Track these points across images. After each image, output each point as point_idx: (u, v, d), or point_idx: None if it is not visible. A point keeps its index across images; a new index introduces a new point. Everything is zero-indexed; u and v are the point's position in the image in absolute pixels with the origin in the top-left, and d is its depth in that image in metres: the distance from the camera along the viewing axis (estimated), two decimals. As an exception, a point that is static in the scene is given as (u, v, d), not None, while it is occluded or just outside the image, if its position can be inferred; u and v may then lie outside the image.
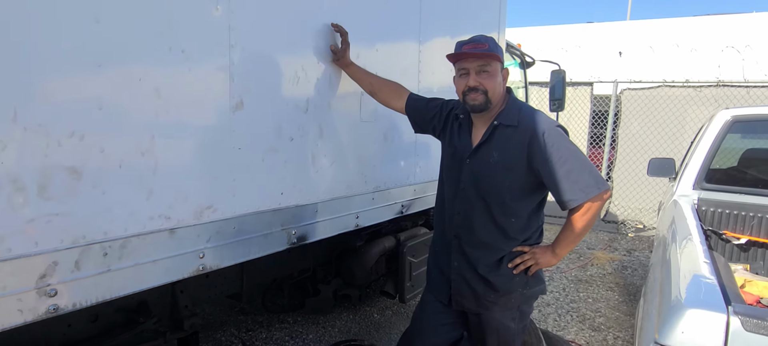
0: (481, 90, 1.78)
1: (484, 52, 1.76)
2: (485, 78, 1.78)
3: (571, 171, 1.71)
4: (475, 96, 1.80)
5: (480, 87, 1.78)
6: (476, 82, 1.78)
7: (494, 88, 1.80)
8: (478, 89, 1.79)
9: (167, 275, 1.53)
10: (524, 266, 1.84)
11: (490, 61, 1.78)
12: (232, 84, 1.71)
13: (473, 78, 1.79)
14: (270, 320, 3.62)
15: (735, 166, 3.39)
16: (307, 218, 2.07)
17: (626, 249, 6.23)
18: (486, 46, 1.77)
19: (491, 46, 1.78)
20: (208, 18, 1.62)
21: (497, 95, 1.82)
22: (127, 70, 1.40)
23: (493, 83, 1.79)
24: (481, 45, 1.78)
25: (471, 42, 1.81)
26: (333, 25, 2.11)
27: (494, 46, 1.80)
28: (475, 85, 1.79)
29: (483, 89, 1.78)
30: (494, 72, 1.80)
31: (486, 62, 1.78)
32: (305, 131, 2.04)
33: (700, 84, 7.04)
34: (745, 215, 2.91)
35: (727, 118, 3.15)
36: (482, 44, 1.78)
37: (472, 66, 1.80)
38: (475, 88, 1.79)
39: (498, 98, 1.83)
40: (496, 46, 1.80)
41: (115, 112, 1.37)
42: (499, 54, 1.79)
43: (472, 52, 1.78)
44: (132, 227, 1.42)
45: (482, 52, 1.76)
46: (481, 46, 1.77)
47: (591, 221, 1.75)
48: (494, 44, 1.80)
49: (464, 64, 1.82)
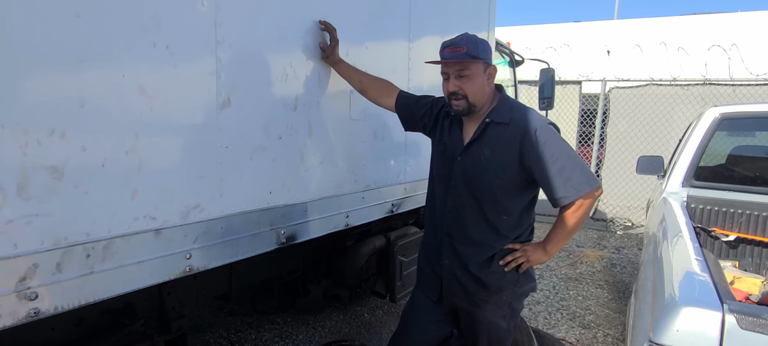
0: (461, 94, 1.77)
1: (460, 58, 1.73)
2: (464, 82, 1.76)
3: (563, 168, 1.70)
4: (457, 102, 1.80)
5: (460, 92, 1.77)
6: (456, 87, 1.77)
7: (475, 92, 1.78)
8: (458, 94, 1.77)
9: (153, 277, 1.49)
10: (515, 263, 1.83)
11: (467, 65, 1.75)
12: (219, 81, 1.67)
13: (452, 83, 1.78)
14: (259, 321, 3.58)
15: (723, 163, 3.42)
16: (296, 218, 2.04)
17: (615, 247, 6.27)
18: (464, 49, 1.73)
19: (470, 49, 1.73)
20: (194, 14, 1.59)
21: (481, 97, 1.80)
22: (109, 67, 1.36)
23: (474, 86, 1.77)
24: (458, 49, 1.74)
25: (450, 45, 1.77)
26: (321, 22, 2.08)
27: (474, 47, 1.75)
28: (455, 90, 1.77)
29: (463, 93, 1.77)
30: (474, 74, 1.76)
31: (463, 65, 1.75)
32: (294, 130, 2.01)
33: (687, 82, 7.11)
34: (734, 212, 2.93)
35: (716, 116, 3.17)
36: (460, 48, 1.74)
37: (451, 70, 1.78)
38: (456, 93, 1.78)
39: (483, 99, 1.81)
40: (476, 47, 1.75)
41: (98, 110, 1.34)
42: (480, 54, 1.75)
43: (448, 58, 1.75)
44: (116, 227, 1.38)
45: (458, 59, 1.73)
46: (458, 50, 1.74)
47: (582, 218, 1.75)
48: (474, 45, 1.75)
49: (445, 69, 1.81)
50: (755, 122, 3.43)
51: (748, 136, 3.70)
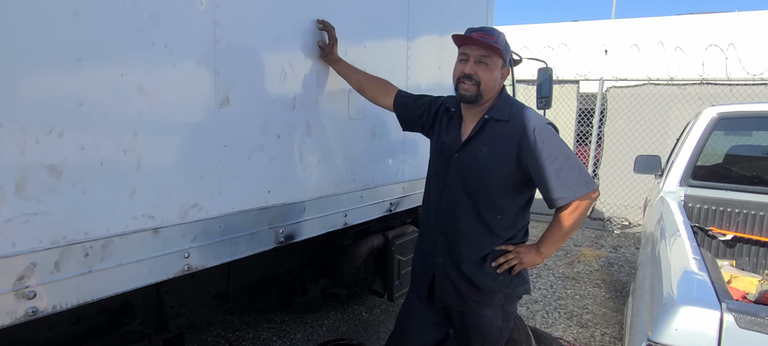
0: (475, 80, 1.76)
1: (489, 43, 1.74)
2: (482, 69, 1.76)
3: (561, 169, 1.69)
4: (468, 86, 1.77)
5: (474, 76, 1.76)
6: (472, 70, 1.76)
7: (488, 82, 1.77)
8: (472, 78, 1.76)
9: (151, 276, 1.49)
10: (508, 265, 1.82)
11: (491, 53, 1.76)
12: (217, 80, 1.67)
13: (470, 65, 1.77)
14: (257, 319, 3.57)
15: (720, 163, 3.43)
16: (294, 217, 2.04)
17: (612, 246, 6.28)
18: (494, 39, 1.75)
19: (499, 42, 1.76)
20: (193, 12, 1.58)
21: (490, 90, 1.80)
22: (108, 66, 1.36)
23: (489, 76, 1.77)
24: (489, 36, 1.75)
25: (481, 30, 1.78)
26: (319, 21, 2.08)
27: (503, 43, 1.78)
28: (471, 73, 1.76)
29: (477, 80, 1.76)
30: (493, 66, 1.77)
31: (487, 53, 1.75)
32: (292, 129, 2.01)
33: (684, 82, 7.12)
34: (731, 211, 2.94)
35: (713, 116, 3.18)
36: (491, 36, 1.75)
37: (473, 53, 1.77)
38: (470, 76, 1.76)
39: (490, 93, 1.81)
40: (504, 45, 1.79)
41: (96, 109, 1.33)
42: (504, 52, 1.78)
43: (477, 39, 1.75)
44: (114, 226, 1.38)
45: (487, 43, 1.74)
46: (489, 38, 1.74)
47: (578, 220, 1.74)
48: (504, 42, 1.79)
49: (466, 50, 1.79)
50: (752, 122, 3.45)
51: (746, 136, 3.71)
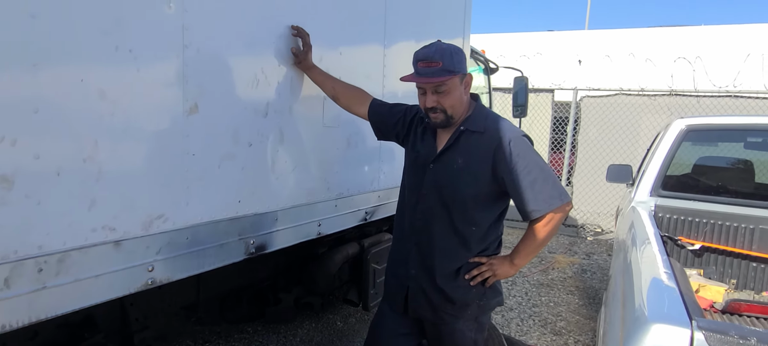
0: (440, 109, 1.74)
1: (436, 75, 1.67)
2: (443, 97, 1.72)
3: (536, 181, 1.69)
4: (436, 116, 1.77)
5: (438, 106, 1.74)
6: (433, 102, 1.73)
7: (453, 105, 1.75)
8: (436, 109, 1.74)
9: (112, 291, 1.42)
10: (481, 277, 1.81)
11: (444, 80, 1.69)
12: (185, 86, 1.62)
13: (430, 98, 1.74)
14: (228, 330, 3.49)
15: (689, 173, 3.50)
16: (266, 227, 1.99)
17: (585, 252, 6.37)
18: (439, 64, 1.67)
19: (446, 63, 1.67)
20: (160, 17, 1.53)
21: (459, 108, 1.77)
22: (67, 71, 1.29)
23: (452, 100, 1.73)
24: (434, 64, 1.67)
25: (424, 59, 1.70)
26: (293, 27, 2.04)
27: (449, 60, 1.68)
28: (433, 105, 1.74)
29: (441, 108, 1.74)
30: (451, 88, 1.72)
31: (440, 82, 1.69)
32: (265, 137, 1.96)
33: (654, 93, 7.30)
34: (699, 221, 3.00)
35: (682, 128, 3.25)
36: (435, 63, 1.67)
37: (427, 86, 1.73)
38: (433, 108, 1.75)
39: (460, 110, 1.79)
40: (451, 60, 1.69)
41: (54, 116, 1.27)
42: (456, 67, 1.70)
43: (424, 74, 1.69)
44: (71, 239, 1.31)
45: (435, 76, 1.67)
46: (434, 66, 1.67)
47: (551, 232, 1.74)
48: (450, 58, 1.69)
49: (420, 84, 1.76)
50: (719, 134, 3.54)
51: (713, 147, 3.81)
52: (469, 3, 3.67)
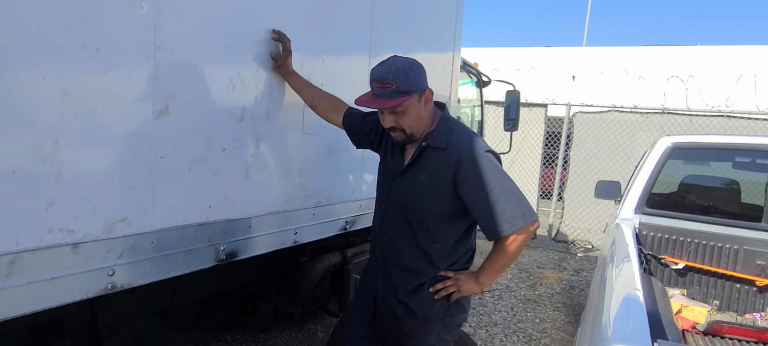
0: (398, 128, 1.71)
1: (389, 97, 1.61)
2: (400, 117, 1.68)
3: (498, 200, 1.64)
4: (396, 135, 1.74)
5: (396, 126, 1.70)
6: (392, 122, 1.70)
7: (412, 124, 1.70)
8: (395, 128, 1.71)
9: (68, 295, 1.38)
10: (445, 292, 1.77)
11: (399, 100, 1.61)
12: (156, 88, 1.59)
13: (387, 118, 1.70)
14: (206, 338, 3.43)
15: (675, 191, 3.49)
16: (238, 234, 1.95)
17: (575, 269, 6.34)
18: (392, 86, 1.60)
19: (400, 84, 1.60)
20: (131, 16, 1.50)
21: (418, 126, 1.73)
22: (28, 67, 1.26)
23: (410, 119, 1.69)
24: (387, 85, 1.60)
25: (378, 79, 1.63)
26: (274, 31, 2.02)
27: (404, 80, 1.60)
28: (392, 125, 1.71)
29: (400, 128, 1.70)
30: (408, 108, 1.66)
31: (395, 103, 1.62)
32: (240, 142, 1.93)
33: (647, 110, 7.32)
34: (684, 240, 2.97)
35: (668, 145, 3.24)
36: (388, 84, 1.60)
37: (383, 108, 1.68)
38: (392, 128, 1.72)
39: (422, 127, 1.74)
40: (406, 79, 1.61)
41: (10, 113, 1.23)
42: (411, 87, 1.62)
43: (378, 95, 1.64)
44: (25, 240, 1.27)
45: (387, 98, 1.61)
46: (387, 87, 1.60)
47: (517, 252, 1.70)
48: (404, 78, 1.60)
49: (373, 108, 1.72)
50: (706, 152, 3.53)
51: (701, 166, 3.80)
52: (461, 15, 3.66)
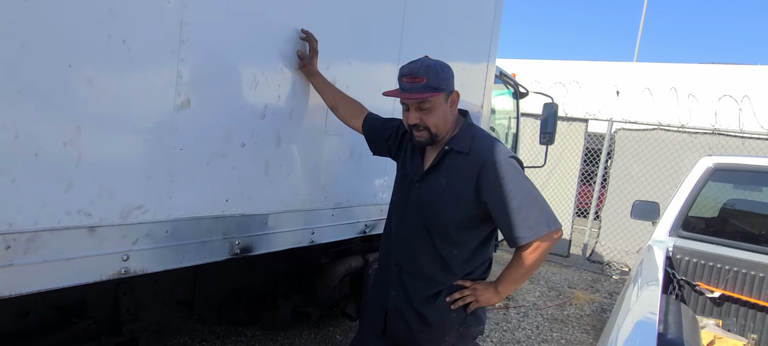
0: (423, 126, 1.69)
1: (420, 91, 1.62)
2: (426, 114, 1.67)
3: (521, 207, 1.61)
4: (419, 134, 1.72)
5: (421, 123, 1.69)
6: (416, 119, 1.69)
7: (437, 123, 1.69)
8: (420, 126, 1.70)
9: (81, 276, 1.43)
10: (463, 302, 1.73)
11: (427, 97, 1.64)
12: (179, 81, 1.63)
13: (413, 114, 1.69)
14: (227, 331, 3.49)
15: (715, 216, 3.30)
16: (254, 229, 1.98)
17: (608, 291, 6.10)
18: (423, 80, 1.61)
19: (430, 80, 1.62)
20: (158, 10, 1.55)
21: (443, 126, 1.72)
22: (55, 55, 1.32)
23: (436, 117, 1.68)
24: (417, 79, 1.62)
25: (408, 74, 1.65)
26: (302, 31, 2.04)
27: (435, 77, 1.63)
28: (416, 122, 1.69)
29: (424, 125, 1.69)
30: (435, 105, 1.66)
31: (423, 98, 1.65)
32: (260, 138, 1.95)
33: (695, 130, 6.99)
34: (721, 267, 2.81)
35: (709, 166, 3.08)
36: (419, 79, 1.61)
37: (410, 102, 1.69)
38: (417, 125, 1.70)
39: (445, 129, 1.73)
40: (437, 77, 1.63)
41: (37, 98, 1.29)
42: (441, 85, 1.64)
43: (407, 90, 1.64)
44: (44, 220, 1.32)
45: (418, 92, 1.62)
46: (418, 82, 1.62)
47: (538, 260, 1.66)
48: (435, 75, 1.63)
49: (404, 100, 1.72)
50: (749, 175, 3.32)
51: (744, 190, 3.58)
52: (497, 26, 3.60)
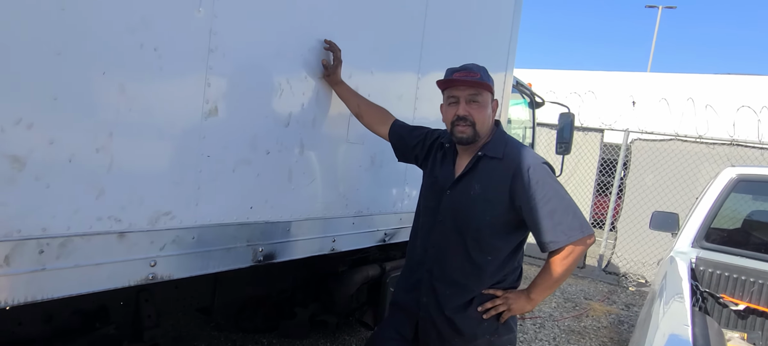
0: (470, 121, 1.71)
1: (477, 81, 1.70)
2: (475, 108, 1.72)
3: (555, 211, 1.61)
4: (464, 128, 1.73)
5: (469, 117, 1.71)
6: (466, 112, 1.71)
7: (483, 120, 1.73)
8: (467, 120, 1.71)
9: (111, 281, 1.44)
10: (495, 311, 1.72)
11: (481, 90, 1.72)
12: (207, 89, 1.65)
13: (463, 107, 1.72)
14: (244, 339, 3.49)
15: (738, 227, 3.25)
16: (277, 236, 1.98)
17: (625, 303, 6.02)
18: (478, 75, 1.71)
19: (484, 76, 1.73)
20: (188, 19, 1.57)
21: (485, 127, 1.76)
22: (90, 63, 1.34)
23: (483, 115, 1.73)
24: (473, 73, 1.72)
25: (463, 69, 1.74)
26: (326, 41, 2.06)
27: (486, 76, 1.74)
28: (465, 115, 1.71)
29: (471, 120, 1.71)
30: (485, 103, 1.74)
31: (477, 92, 1.72)
32: (284, 146, 1.97)
33: (713, 141, 6.90)
34: (746, 279, 2.76)
35: (732, 176, 3.03)
36: (474, 73, 1.72)
37: (462, 94, 1.73)
38: (464, 118, 1.71)
39: (486, 130, 1.77)
40: (488, 76, 1.75)
41: (71, 104, 1.31)
42: (491, 84, 1.74)
43: (464, 79, 1.71)
44: (76, 225, 1.34)
45: (474, 81, 1.70)
46: (473, 75, 1.71)
47: (571, 266, 1.65)
48: (487, 74, 1.75)
49: (454, 92, 1.75)
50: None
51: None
52: (515, 37, 3.61)
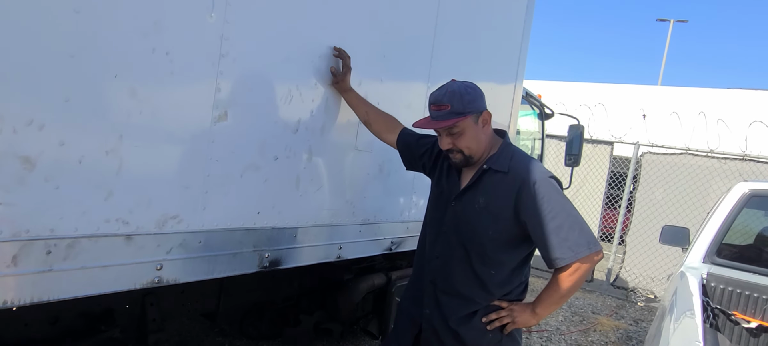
0: (457, 150, 1.69)
1: (445, 118, 1.63)
2: (457, 138, 1.67)
3: (561, 227, 1.58)
4: (454, 156, 1.72)
5: (454, 148, 1.69)
6: (449, 144, 1.69)
7: (470, 144, 1.69)
8: (453, 150, 1.70)
9: (117, 283, 1.45)
10: (499, 323, 1.70)
11: (455, 122, 1.63)
12: (217, 94, 1.66)
13: (444, 140, 1.70)
14: (247, 345, 3.48)
15: (751, 243, 3.20)
16: (283, 243, 1.98)
17: (634, 318, 5.94)
18: (448, 107, 1.62)
19: (455, 106, 1.62)
20: (200, 25, 1.58)
21: (477, 147, 1.71)
22: (101, 66, 1.35)
23: (467, 140, 1.68)
24: (442, 107, 1.63)
25: (434, 102, 1.67)
26: (335, 48, 2.06)
27: (459, 102, 1.62)
28: (449, 147, 1.70)
29: (458, 149, 1.69)
30: (464, 129, 1.66)
31: (451, 124, 1.64)
32: (292, 152, 1.97)
33: (724, 156, 6.82)
34: (758, 296, 2.71)
35: (745, 192, 2.99)
36: (443, 106, 1.63)
37: (439, 129, 1.69)
38: (450, 150, 1.70)
39: (481, 148, 1.72)
40: (461, 101, 1.62)
41: (83, 107, 1.32)
42: (466, 108, 1.63)
43: (434, 118, 1.66)
44: (84, 227, 1.35)
45: (443, 119, 1.63)
46: (443, 109, 1.63)
47: (578, 283, 1.62)
48: (459, 99, 1.63)
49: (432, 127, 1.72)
50: (789, 204, 3.22)
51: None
52: (525, 47, 3.60)
